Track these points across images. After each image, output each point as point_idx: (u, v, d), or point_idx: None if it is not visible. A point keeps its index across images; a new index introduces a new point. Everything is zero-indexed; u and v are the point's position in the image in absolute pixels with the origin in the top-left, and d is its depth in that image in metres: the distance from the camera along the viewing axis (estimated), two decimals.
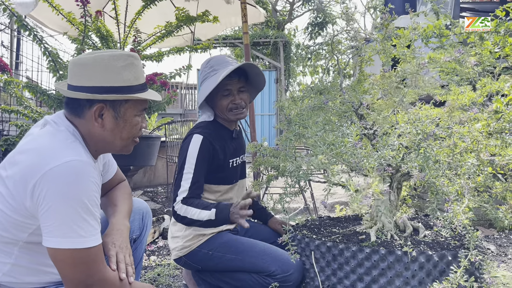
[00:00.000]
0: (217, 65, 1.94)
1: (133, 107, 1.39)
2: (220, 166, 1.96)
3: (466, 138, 1.57)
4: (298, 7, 14.58)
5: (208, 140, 1.89)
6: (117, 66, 1.34)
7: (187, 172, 1.84)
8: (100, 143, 1.39)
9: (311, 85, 2.16)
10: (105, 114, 1.35)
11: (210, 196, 1.98)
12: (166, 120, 7.15)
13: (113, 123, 1.37)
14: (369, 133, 1.92)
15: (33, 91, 3.15)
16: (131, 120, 1.40)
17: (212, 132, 1.94)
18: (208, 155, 1.89)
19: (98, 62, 1.33)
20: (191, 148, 1.87)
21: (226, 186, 2.01)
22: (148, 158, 3.85)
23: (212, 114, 1.99)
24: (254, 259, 1.84)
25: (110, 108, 1.35)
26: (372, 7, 14.15)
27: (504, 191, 1.56)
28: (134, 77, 1.38)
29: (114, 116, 1.36)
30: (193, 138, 1.89)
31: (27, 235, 1.24)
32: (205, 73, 1.97)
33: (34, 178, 1.16)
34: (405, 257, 1.55)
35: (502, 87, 1.79)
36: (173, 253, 2.00)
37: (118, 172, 1.75)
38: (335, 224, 2.13)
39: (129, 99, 1.37)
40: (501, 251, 3.05)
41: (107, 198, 1.66)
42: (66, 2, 3.36)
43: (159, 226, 3.74)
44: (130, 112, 1.39)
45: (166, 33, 3.80)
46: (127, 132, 1.40)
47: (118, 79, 1.34)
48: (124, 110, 1.37)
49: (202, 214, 1.77)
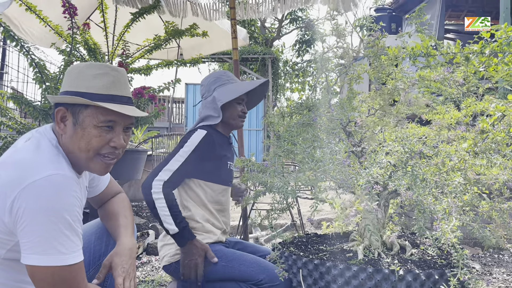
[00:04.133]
0: (232, 76, 2.15)
1: (93, 115, 1.29)
2: (220, 165, 2.03)
3: (453, 157, 1.59)
4: (286, 25, 14.79)
5: (211, 135, 1.97)
6: (88, 74, 1.32)
7: (180, 155, 1.89)
8: (70, 154, 1.33)
9: (299, 101, 2.18)
10: (68, 119, 1.31)
11: (205, 195, 1.99)
12: (152, 134, 7.09)
13: (71, 129, 1.30)
14: (357, 150, 1.93)
15: (18, 102, 3.10)
16: (90, 130, 1.29)
17: (214, 132, 2.04)
18: (208, 149, 1.95)
19: (74, 69, 1.34)
20: (193, 139, 1.93)
21: (222, 187, 2.05)
22: (133, 172, 3.80)
23: (219, 117, 2.05)
24: (243, 267, 1.85)
25: (70, 113, 1.30)
26: (359, 26, 14.41)
27: (490, 210, 1.57)
28: (104, 85, 1.32)
29: (73, 123, 1.30)
30: (197, 131, 1.97)
31: (5, 251, 1.20)
32: (222, 80, 2.10)
33: (14, 193, 1.12)
34: (392, 275, 1.54)
35: (487, 107, 1.82)
36: (164, 259, 1.98)
37: (112, 183, 1.72)
38: (322, 241, 2.12)
39: (89, 106, 1.29)
40: (486, 270, 3.07)
41: (106, 211, 1.64)
42: (49, 13, 3.35)
43: (143, 241, 3.67)
44: (89, 120, 1.29)
45: (155, 47, 3.80)
46: (85, 142, 1.29)
47: (83, 85, 1.31)
48: (82, 117, 1.29)
49: (168, 219, 1.79)
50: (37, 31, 4.21)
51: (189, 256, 1.83)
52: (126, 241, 1.49)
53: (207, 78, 2.15)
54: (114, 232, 1.57)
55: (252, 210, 4.06)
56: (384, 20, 8.03)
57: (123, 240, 1.49)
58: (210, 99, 2.08)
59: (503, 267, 3.17)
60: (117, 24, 3.70)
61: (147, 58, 4.00)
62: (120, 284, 1.35)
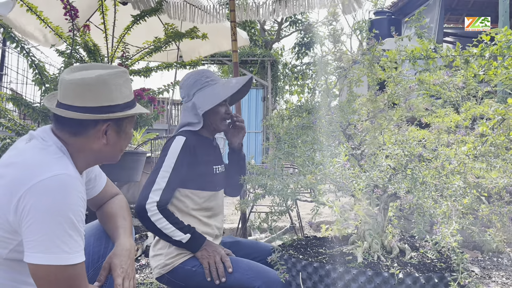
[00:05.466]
0: (212, 76, 2.02)
1: (131, 121, 1.46)
2: (204, 171, 1.97)
3: (452, 160, 1.59)
4: (285, 27, 14.82)
5: (190, 141, 1.91)
6: (118, 84, 1.37)
7: (165, 171, 1.84)
8: (91, 157, 1.40)
9: (298, 104, 2.18)
10: (109, 130, 1.37)
11: (191, 204, 1.95)
12: (151, 136, 7.10)
13: (116, 137, 1.40)
14: (356, 153, 1.93)
15: (17, 103, 3.10)
16: (129, 133, 1.47)
17: (195, 137, 1.96)
18: (189, 157, 1.89)
19: (101, 81, 1.34)
20: (173, 148, 1.88)
21: (209, 193, 2.00)
22: (133, 174, 3.80)
23: (200, 124, 1.97)
24: (238, 274, 1.82)
25: (114, 125, 1.38)
26: (358, 29, 14.44)
27: (490, 214, 1.57)
28: (130, 92, 1.43)
29: (117, 131, 1.40)
30: (176, 139, 1.90)
31: (7, 251, 1.20)
32: (201, 82, 1.99)
33: (19, 192, 1.13)
34: (392, 279, 1.54)
35: (486, 111, 1.82)
36: (155, 271, 1.95)
37: (109, 185, 1.72)
38: (321, 244, 2.11)
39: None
40: (485, 274, 3.07)
41: (104, 213, 1.65)
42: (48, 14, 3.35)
43: (142, 243, 3.67)
44: (130, 126, 1.45)
45: (155, 49, 3.80)
46: (126, 143, 1.46)
47: (120, 97, 1.37)
48: (125, 124, 1.43)
49: (176, 233, 1.79)
50: (36, 32, 4.21)
51: (207, 258, 1.83)
52: (124, 242, 1.50)
53: (186, 79, 2.04)
54: (113, 233, 1.57)
55: (251, 212, 4.05)
56: (383, 23, 8.03)
57: (121, 241, 1.50)
58: (190, 105, 1.99)
59: (502, 270, 3.17)
60: (117, 26, 3.71)
61: (146, 60, 4.00)
62: (120, 284, 1.36)
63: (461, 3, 8.84)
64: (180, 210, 1.94)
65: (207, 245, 1.86)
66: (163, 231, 1.78)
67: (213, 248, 1.86)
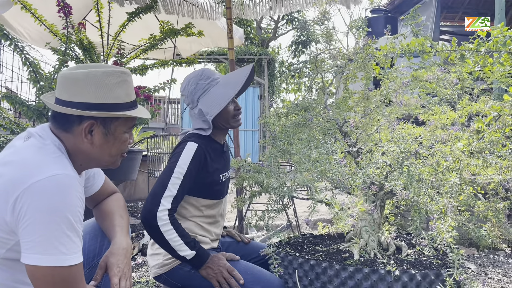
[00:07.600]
0: (211, 75, 1.92)
1: (123, 124, 1.37)
2: (211, 179, 1.91)
3: (448, 157, 1.59)
4: (282, 25, 14.80)
5: (202, 149, 1.84)
6: (110, 83, 1.32)
7: (176, 177, 1.77)
8: (86, 159, 1.36)
9: (295, 102, 2.17)
10: (95, 130, 1.32)
11: (194, 211, 1.92)
12: (148, 134, 7.07)
13: (102, 139, 1.34)
14: (353, 150, 1.93)
15: (12, 102, 3.08)
16: (121, 137, 1.37)
17: (206, 143, 1.89)
18: (199, 166, 1.84)
19: (90, 78, 1.30)
20: (185, 154, 1.81)
21: (213, 201, 1.95)
22: (129, 172, 3.79)
23: (210, 129, 1.90)
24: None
25: (100, 125, 1.32)
26: (355, 27, 14.45)
27: (486, 210, 1.58)
28: (126, 94, 1.36)
29: (104, 133, 1.33)
30: (188, 145, 1.83)
31: (4, 251, 1.19)
32: (203, 85, 1.91)
33: (17, 192, 1.11)
34: (388, 276, 1.54)
35: (482, 108, 1.82)
36: (152, 270, 1.94)
37: (107, 182, 1.70)
38: (318, 241, 2.11)
39: (119, 117, 1.35)
40: (481, 271, 3.08)
41: (101, 211, 1.62)
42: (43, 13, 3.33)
43: (138, 242, 3.65)
44: (120, 129, 1.36)
45: (150, 46, 3.79)
46: (116, 148, 1.37)
47: (110, 96, 1.32)
48: (114, 127, 1.35)
49: (182, 247, 1.72)
50: (32, 31, 4.19)
51: (215, 276, 1.76)
52: (121, 241, 1.48)
53: (186, 86, 1.94)
54: (109, 231, 1.55)
55: (248, 210, 4.05)
56: (380, 21, 8.04)
57: (118, 240, 1.48)
58: (197, 111, 1.92)
59: (498, 267, 3.18)
60: (113, 23, 3.69)
61: (142, 58, 3.98)
62: (116, 283, 1.34)
63: (458, 1, 8.86)
64: (182, 216, 1.90)
65: (209, 262, 1.78)
66: (170, 244, 1.71)
67: (216, 263, 1.79)
